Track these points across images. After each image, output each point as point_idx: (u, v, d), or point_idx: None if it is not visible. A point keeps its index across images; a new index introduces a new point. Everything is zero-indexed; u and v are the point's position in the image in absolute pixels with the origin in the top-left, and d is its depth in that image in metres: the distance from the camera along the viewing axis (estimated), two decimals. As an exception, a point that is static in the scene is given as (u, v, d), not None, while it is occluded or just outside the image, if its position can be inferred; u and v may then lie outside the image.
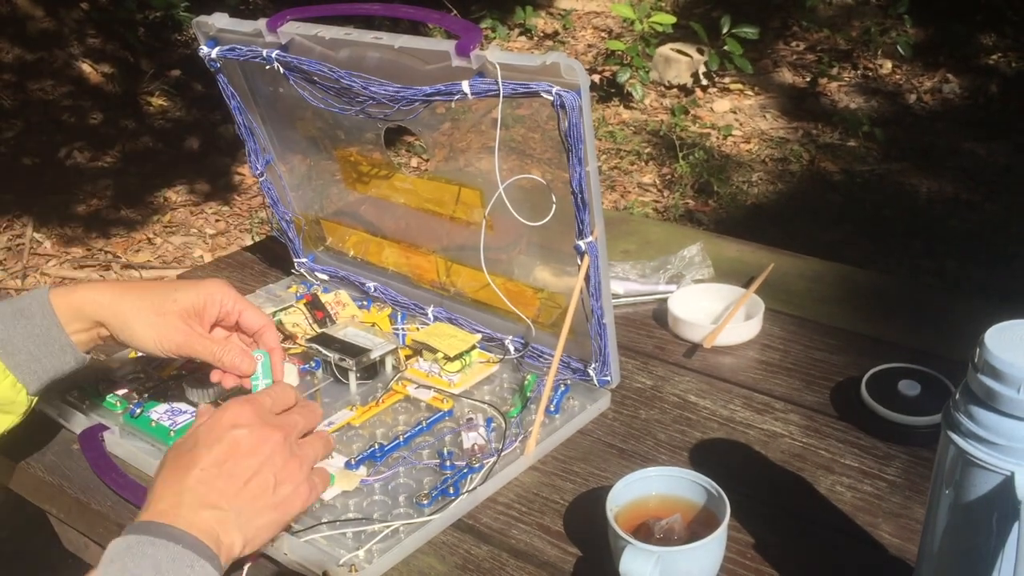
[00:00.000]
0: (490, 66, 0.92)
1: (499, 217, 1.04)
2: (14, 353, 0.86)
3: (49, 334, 0.87)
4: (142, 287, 0.92)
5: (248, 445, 0.77)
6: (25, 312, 0.86)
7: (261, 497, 0.77)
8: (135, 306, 0.89)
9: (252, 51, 1.11)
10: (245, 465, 0.77)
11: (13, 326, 0.86)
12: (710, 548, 0.78)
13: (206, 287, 0.93)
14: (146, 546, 0.68)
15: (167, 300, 0.90)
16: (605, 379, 1.06)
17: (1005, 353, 0.62)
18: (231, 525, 0.74)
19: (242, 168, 3.52)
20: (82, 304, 0.88)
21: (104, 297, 0.89)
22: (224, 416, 0.79)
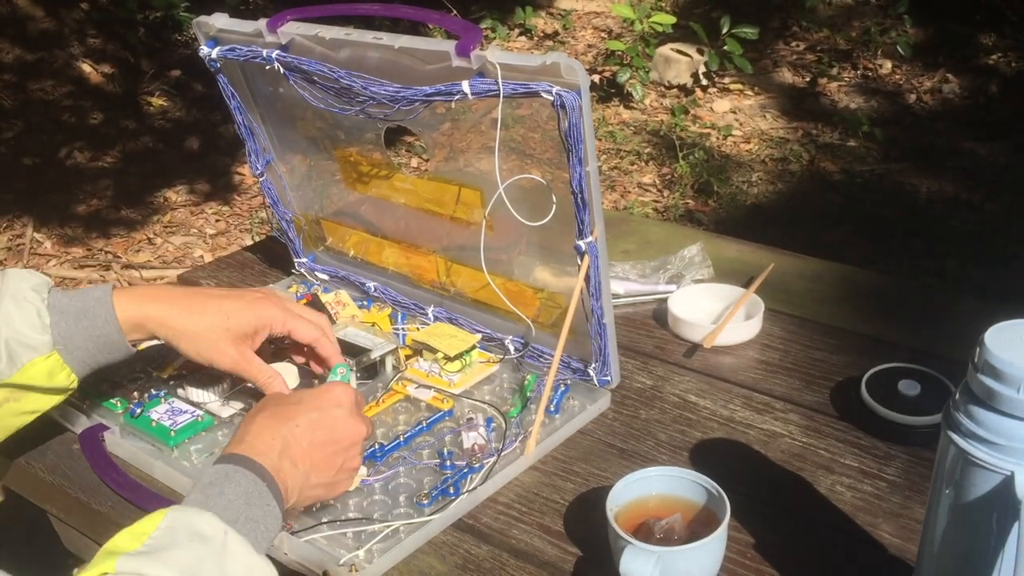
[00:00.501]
0: (490, 66, 0.92)
1: (499, 217, 1.04)
2: (73, 350, 0.91)
3: (109, 338, 0.92)
4: (200, 302, 0.95)
5: (341, 427, 0.84)
6: (88, 314, 0.92)
7: (326, 473, 0.83)
8: (191, 329, 0.93)
9: (252, 51, 1.11)
10: (331, 440, 0.83)
11: (76, 325, 0.91)
12: (710, 548, 0.78)
13: (258, 310, 0.95)
14: (241, 476, 0.75)
15: (219, 327, 0.94)
16: (605, 379, 1.06)
17: (1005, 353, 0.62)
18: (297, 483, 0.80)
19: (242, 168, 3.52)
20: (143, 320, 0.93)
21: (164, 315, 0.93)
22: (332, 393, 0.86)
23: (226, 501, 0.72)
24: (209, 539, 0.67)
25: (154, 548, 0.65)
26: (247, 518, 0.72)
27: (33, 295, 0.90)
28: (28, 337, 0.88)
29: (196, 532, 0.68)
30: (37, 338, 0.89)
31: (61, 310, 0.91)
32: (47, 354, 0.89)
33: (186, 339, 0.93)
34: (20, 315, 0.89)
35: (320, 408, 0.84)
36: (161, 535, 0.66)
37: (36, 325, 0.89)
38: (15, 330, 0.88)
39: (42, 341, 0.89)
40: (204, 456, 0.98)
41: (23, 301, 0.89)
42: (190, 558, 0.66)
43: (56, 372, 0.91)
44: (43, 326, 0.89)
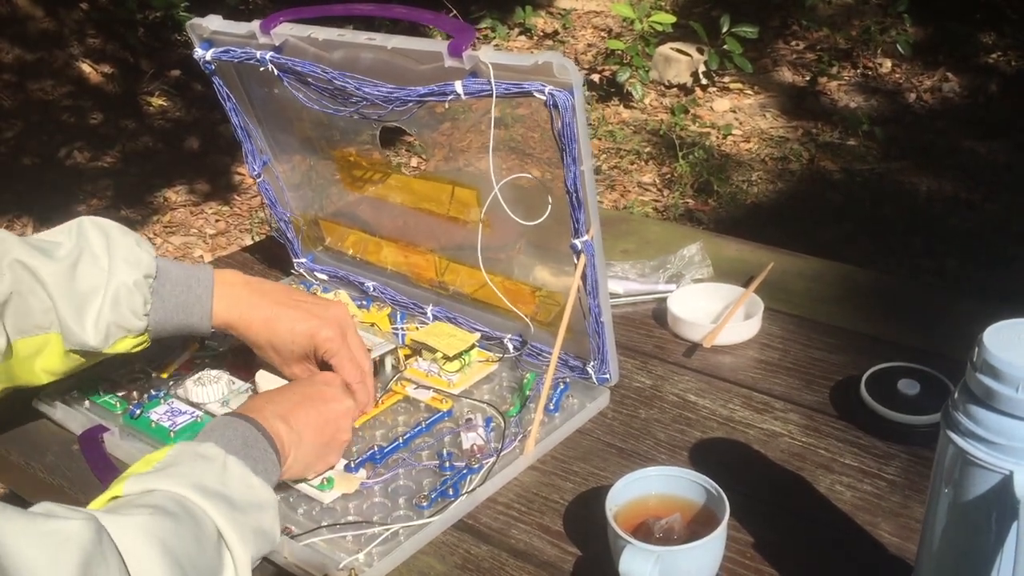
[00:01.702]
0: (483, 66, 0.92)
1: (496, 216, 1.04)
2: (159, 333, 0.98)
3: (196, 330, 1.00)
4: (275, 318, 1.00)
5: (329, 398, 0.92)
6: (186, 310, 0.98)
7: (318, 439, 0.89)
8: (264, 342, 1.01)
9: (246, 53, 1.11)
10: (321, 409, 0.90)
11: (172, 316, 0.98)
12: (710, 547, 0.78)
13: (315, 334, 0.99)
14: (237, 424, 0.82)
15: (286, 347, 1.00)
16: (604, 377, 1.06)
17: (1004, 352, 0.62)
18: (293, 440, 0.86)
19: (242, 168, 3.52)
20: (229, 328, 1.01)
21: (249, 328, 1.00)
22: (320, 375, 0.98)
23: (225, 439, 0.79)
24: (211, 459, 0.75)
25: (161, 467, 0.73)
26: (245, 455, 0.79)
27: (143, 282, 0.95)
28: (128, 321, 0.94)
29: (199, 454, 0.75)
30: (136, 323, 0.95)
31: (163, 297, 0.97)
32: (138, 334, 0.96)
33: (261, 351, 1.02)
34: (128, 300, 0.93)
35: (311, 384, 0.94)
36: (169, 459, 0.74)
37: (139, 312, 0.94)
38: (119, 314, 0.93)
39: (138, 326, 0.95)
40: (203, 456, 0.98)
41: (133, 289, 0.94)
42: (194, 472, 0.73)
43: (140, 345, 0.98)
44: (143, 313, 0.95)
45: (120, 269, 0.93)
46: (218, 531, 0.70)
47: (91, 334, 0.92)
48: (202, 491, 0.71)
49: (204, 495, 0.70)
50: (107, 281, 0.93)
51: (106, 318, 0.92)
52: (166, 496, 0.69)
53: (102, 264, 0.93)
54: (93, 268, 0.93)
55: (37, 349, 0.92)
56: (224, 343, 1.15)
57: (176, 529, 0.66)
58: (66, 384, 1.05)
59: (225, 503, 0.71)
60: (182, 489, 0.70)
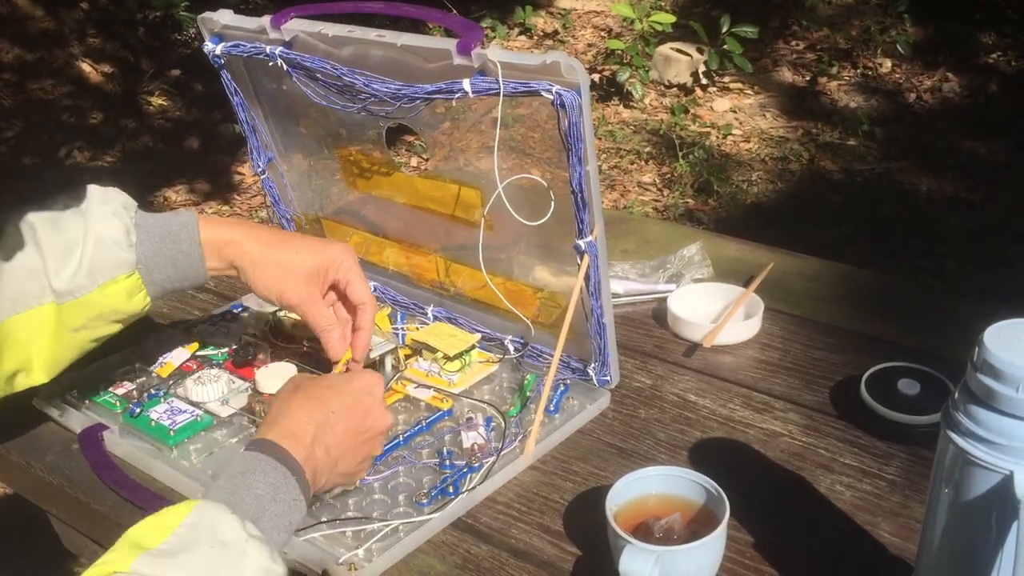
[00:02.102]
0: (491, 65, 0.92)
1: (498, 216, 1.04)
2: (153, 271, 0.93)
3: (190, 263, 0.94)
4: (278, 238, 0.97)
5: (372, 415, 0.85)
6: (173, 237, 0.93)
7: (353, 460, 0.84)
8: (267, 257, 0.95)
9: (256, 48, 1.11)
10: (362, 429, 0.84)
11: (160, 247, 0.93)
12: (710, 547, 0.78)
13: (332, 251, 0.97)
14: (271, 469, 0.75)
15: (296, 259, 0.95)
16: (605, 379, 1.06)
17: (1004, 352, 0.62)
18: (325, 469, 0.80)
19: (242, 168, 3.52)
20: (226, 245, 0.95)
21: (244, 242, 0.95)
22: (364, 380, 0.87)
23: (254, 496, 0.73)
24: (229, 546, 0.68)
25: (174, 549, 0.66)
26: (272, 513, 0.73)
27: (123, 212, 0.91)
28: (114, 254, 0.89)
29: (218, 538, 0.67)
30: (122, 256, 0.89)
31: (147, 230, 0.92)
32: (129, 273, 0.90)
33: (260, 269, 0.95)
34: (109, 232, 0.89)
35: (352, 394, 0.85)
36: (184, 533, 0.67)
37: (123, 243, 0.90)
38: (102, 246, 0.88)
39: (126, 260, 0.90)
40: (204, 456, 0.98)
41: (112, 217, 0.90)
42: (207, 566, 0.66)
43: (135, 292, 0.92)
44: (129, 244, 0.90)
45: (98, 208, 0.90)
46: None
47: (74, 275, 0.88)
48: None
49: None
50: (87, 222, 0.90)
51: (89, 255, 0.88)
52: None
53: (83, 209, 0.90)
54: (74, 215, 0.90)
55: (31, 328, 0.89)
56: (224, 342, 1.15)
57: None
58: (66, 384, 1.05)
59: None
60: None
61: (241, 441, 0.99)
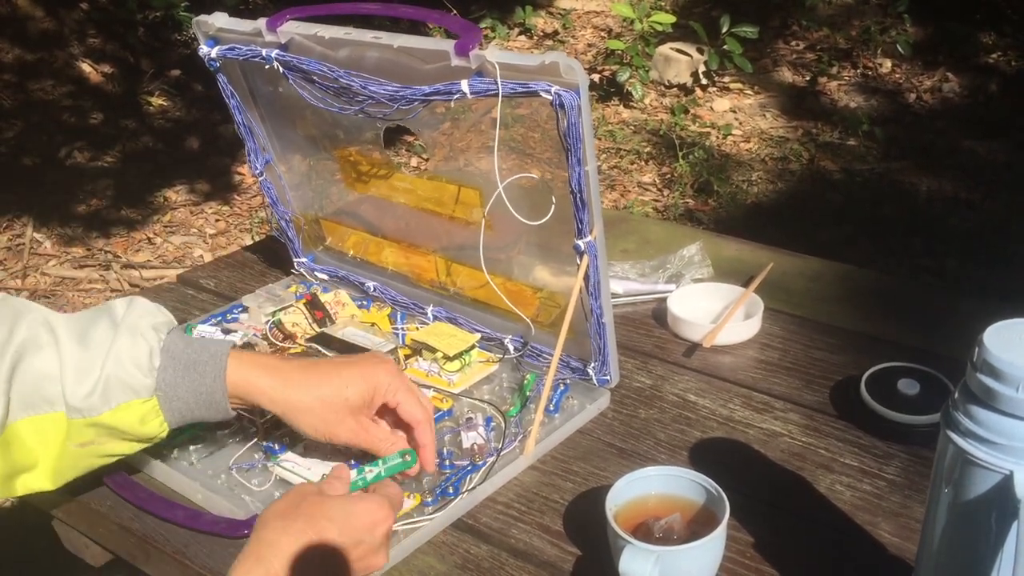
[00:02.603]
0: (489, 66, 0.92)
1: (498, 217, 1.04)
2: (173, 399, 0.87)
3: (212, 398, 0.88)
4: (314, 375, 0.89)
5: (366, 558, 0.77)
6: (199, 368, 0.87)
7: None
8: (305, 402, 0.88)
9: (252, 50, 1.11)
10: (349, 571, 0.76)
11: (183, 377, 0.87)
12: (709, 547, 0.78)
13: (375, 377, 0.90)
14: None
15: (337, 395, 0.89)
16: (604, 378, 1.06)
17: (1004, 352, 0.62)
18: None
19: (242, 168, 3.52)
20: (251, 390, 0.88)
21: (276, 390, 0.88)
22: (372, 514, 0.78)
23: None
24: None
25: None
26: None
27: (151, 333, 0.86)
28: (133, 376, 0.84)
29: None
30: (141, 380, 0.85)
31: (174, 356, 0.87)
32: (145, 399, 0.85)
33: (302, 413, 0.88)
34: (131, 352, 0.85)
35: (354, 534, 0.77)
36: None
37: (144, 366, 0.85)
38: (121, 367, 0.84)
39: (144, 384, 0.85)
40: (204, 456, 0.98)
41: (139, 337, 0.85)
42: None
43: (150, 419, 0.86)
44: (150, 368, 0.85)
45: (131, 323, 0.86)
46: None
47: (89, 394, 0.83)
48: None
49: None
50: (116, 333, 0.85)
51: (107, 372, 0.84)
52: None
53: (116, 321, 0.86)
54: (106, 330, 0.86)
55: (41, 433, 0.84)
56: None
57: None
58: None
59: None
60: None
61: (241, 441, 0.99)
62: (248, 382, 0.88)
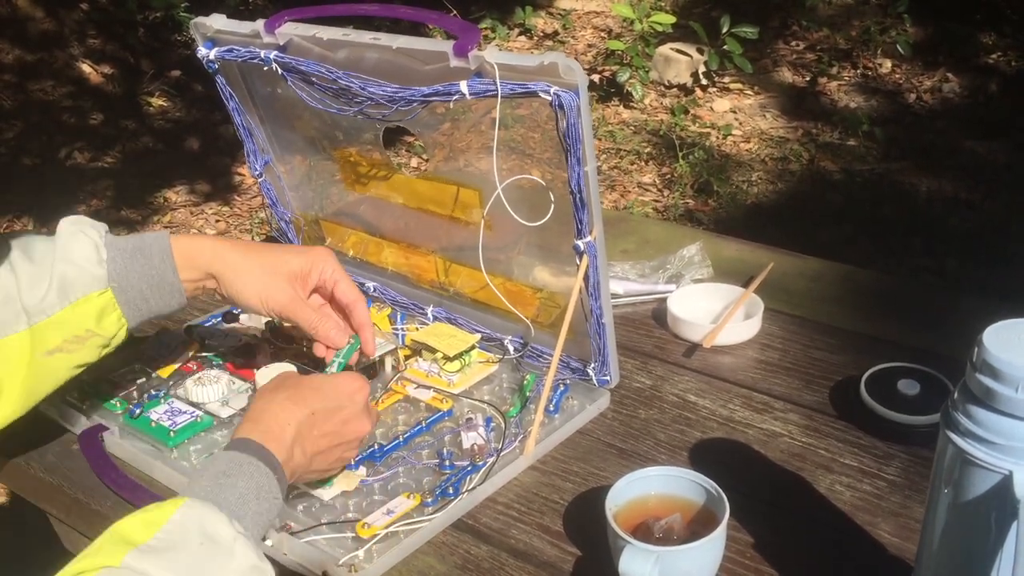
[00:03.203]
0: (488, 66, 0.92)
1: (498, 217, 1.04)
2: (127, 289, 0.91)
3: (163, 277, 0.92)
4: (256, 246, 0.97)
5: (352, 422, 0.86)
6: (144, 252, 0.91)
7: (324, 463, 0.86)
8: (247, 262, 0.94)
9: (250, 52, 1.11)
10: (338, 433, 0.85)
11: (131, 263, 0.91)
12: (709, 547, 0.78)
13: (313, 253, 0.97)
14: (254, 469, 0.76)
15: (278, 261, 0.95)
16: (604, 379, 1.06)
17: (1003, 352, 0.62)
18: (300, 469, 0.82)
19: (242, 168, 3.52)
20: (199, 253, 0.93)
21: (221, 250, 0.94)
22: (347, 384, 0.87)
23: (238, 494, 0.74)
24: (218, 543, 0.68)
25: (163, 546, 0.66)
26: (255, 512, 0.75)
27: (92, 231, 0.90)
28: (84, 270, 0.88)
29: (207, 534, 0.68)
30: (92, 271, 0.88)
31: (118, 247, 0.91)
32: (101, 290, 0.89)
33: (242, 275, 0.93)
34: (78, 248, 0.88)
35: (336, 398, 0.85)
36: (173, 530, 0.67)
37: (92, 258, 0.88)
38: (72, 262, 0.88)
39: (97, 275, 0.88)
40: (203, 456, 0.98)
41: (81, 235, 0.89)
42: (196, 563, 0.66)
43: (108, 312, 0.90)
44: (99, 260, 0.89)
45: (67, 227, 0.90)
46: None
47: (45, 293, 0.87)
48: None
49: None
50: (56, 241, 0.89)
51: (59, 270, 0.87)
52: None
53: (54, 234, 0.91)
54: (45, 239, 0.90)
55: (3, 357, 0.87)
56: (224, 343, 1.15)
57: None
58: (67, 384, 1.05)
59: None
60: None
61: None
62: (193, 249, 0.93)
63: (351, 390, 0.87)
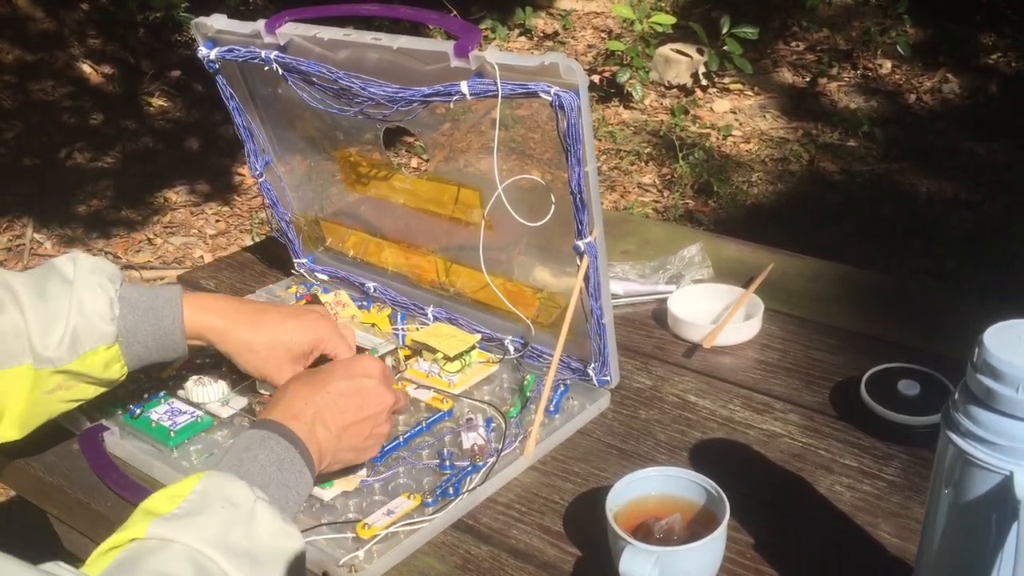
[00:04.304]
0: (489, 67, 0.92)
1: (498, 217, 1.04)
2: (133, 344, 0.94)
3: (170, 338, 0.95)
4: (264, 322, 0.98)
5: (371, 395, 0.89)
6: (157, 312, 0.95)
7: (356, 438, 0.88)
8: (252, 344, 0.97)
9: (250, 52, 1.11)
10: (360, 407, 0.88)
11: (142, 321, 0.94)
12: (710, 548, 0.78)
13: (315, 330, 0.99)
14: (274, 443, 0.80)
15: (284, 340, 0.98)
16: (605, 379, 1.06)
17: (1004, 353, 0.62)
18: (331, 446, 0.85)
19: (242, 168, 3.52)
20: (208, 329, 0.97)
21: (229, 328, 0.97)
22: (360, 364, 0.92)
23: (259, 466, 0.77)
24: (239, 506, 0.71)
25: (187, 512, 0.69)
26: (279, 483, 0.78)
27: (108, 284, 0.92)
28: (96, 326, 0.90)
29: (227, 499, 0.71)
30: (104, 328, 0.91)
31: (131, 304, 0.93)
32: (109, 345, 0.92)
33: (247, 353, 0.97)
34: (92, 303, 0.90)
35: (350, 376, 0.89)
36: (196, 499, 0.70)
37: (106, 315, 0.91)
38: (85, 317, 0.90)
39: (107, 332, 0.91)
40: (204, 456, 0.98)
41: (97, 289, 0.91)
42: (220, 524, 0.69)
43: (112, 363, 0.93)
44: (112, 317, 0.91)
45: (84, 277, 0.92)
46: None
47: (58, 345, 0.89)
48: (224, 549, 0.67)
49: (226, 553, 0.67)
50: (72, 291, 0.91)
51: (72, 323, 0.89)
52: (186, 554, 0.65)
53: (68, 277, 0.92)
54: (61, 284, 0.92)
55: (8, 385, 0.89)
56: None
57: None
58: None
59: (247, 560, 0.68)
60: (204, 546, 0.66)
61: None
62: (203, 323, 0.96)
63: (364, 365, 0.91)
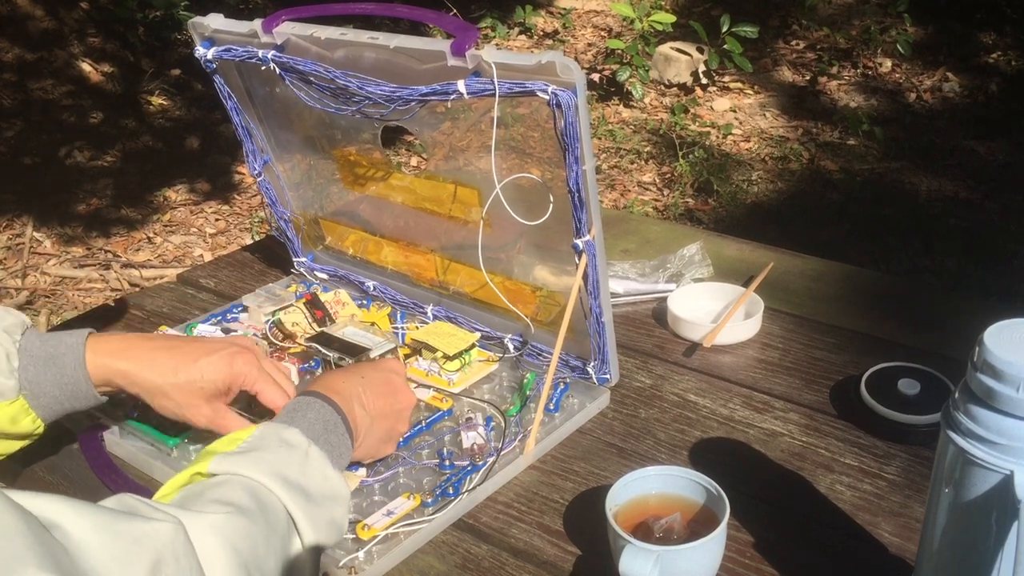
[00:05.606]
0: (486, 65, 0.92)
1: (497, 216, 1.03)
2: (39, 396, 0.90)
3: (77, 386, 0.91)
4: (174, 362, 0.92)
5: (401, 391, 0.93)
6: (58, 361, 0.90)
7: (383, 427, 0.91)
8: (161, 386, 0.91)
9: (248, 52, 1.11)
10: (391, 398, 0.92)
11: (44, 372, 0.90)
12: (710, 547, 0.78)
13: (232, 368, 0.92)
14: (320, 407, 0.84)
15: (193, 385, 0.91)
16: (604, 377, 1.06)
17: (1004, 352, 0.62)
18: (365, 426, 0.88)
19: (242, 167, 3.52)
20: (112, 376, 0.91)
21: (135, 372, 0.91)
22: (388, 361, 0.98)
23: (308, 423, 0.81)
24: (294, 447, 0.76)
25: (246, 450, 0.74)
26: (325, 440, 0.81)
27: (4, 337, 0.88)
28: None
29: (284, 440, 0.76)
30: (3, 382, 0.87)
31: (32, 354, 0.89)
32: (12, 399, 0.88)
33: (159, 396, 0.92)
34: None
35: (381, 370, 0.94)
36: (254, 440, 0.75)
37: (3, 369, 0.87)
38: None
39: (7, 386, 0.87)
40: (203, 456, 0.97)
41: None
42: (277, 460, 0.74)
43: (20, 417, 0.89)
44: (10, 370, 0.87)
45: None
46: (291, 520, 0.72)
47: None
48: (282, 481, 0.72)
49: (283, 485, 0.72)
50: None
51: None
52: (246, 485, 0.70)
53: None
54: None
55: None
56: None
57: (249, 530, 0.66)
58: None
59: (302, 495, 0.73)
60: (263, 477, 0.71)
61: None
62: (107, 367, 0.91)
63: (391, 363, 0.97)
